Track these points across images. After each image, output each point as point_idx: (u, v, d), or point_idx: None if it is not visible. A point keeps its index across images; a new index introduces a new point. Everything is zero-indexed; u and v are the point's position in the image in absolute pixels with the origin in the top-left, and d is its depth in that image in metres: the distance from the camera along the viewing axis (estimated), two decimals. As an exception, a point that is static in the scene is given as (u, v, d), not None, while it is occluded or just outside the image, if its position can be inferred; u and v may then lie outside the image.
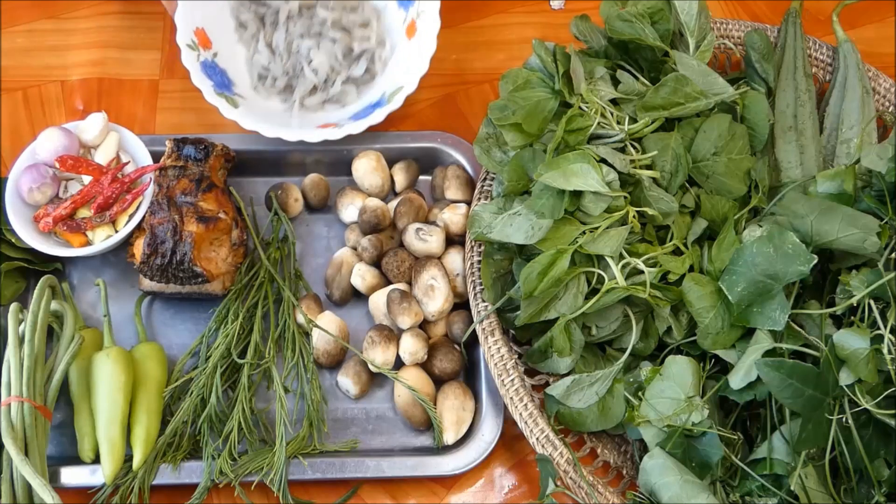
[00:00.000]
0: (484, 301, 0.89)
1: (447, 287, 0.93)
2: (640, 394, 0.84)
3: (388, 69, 1.07)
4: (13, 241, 0.95)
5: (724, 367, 0.85)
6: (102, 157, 0.97)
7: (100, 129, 0.97)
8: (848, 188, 0.85)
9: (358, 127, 0.98)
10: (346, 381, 0.93)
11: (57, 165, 0.95)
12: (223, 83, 1.03)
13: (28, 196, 0.94)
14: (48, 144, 0.95)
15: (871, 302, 0.80)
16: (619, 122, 0.90)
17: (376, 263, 0.98)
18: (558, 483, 0.81)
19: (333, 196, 1.03)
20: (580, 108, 0.90)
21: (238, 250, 0.96)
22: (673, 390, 0.82)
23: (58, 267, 0.97)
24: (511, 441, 0.93)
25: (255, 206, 1.02)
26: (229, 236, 0.95)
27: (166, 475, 0.87)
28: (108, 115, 0.99)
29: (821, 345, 0.80)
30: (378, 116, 0.99)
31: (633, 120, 0.91)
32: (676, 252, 0.88)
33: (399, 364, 0.94)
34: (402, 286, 0.95)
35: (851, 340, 0.77)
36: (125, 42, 1.13)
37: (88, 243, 0.94)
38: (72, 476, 0.87)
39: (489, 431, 0.91)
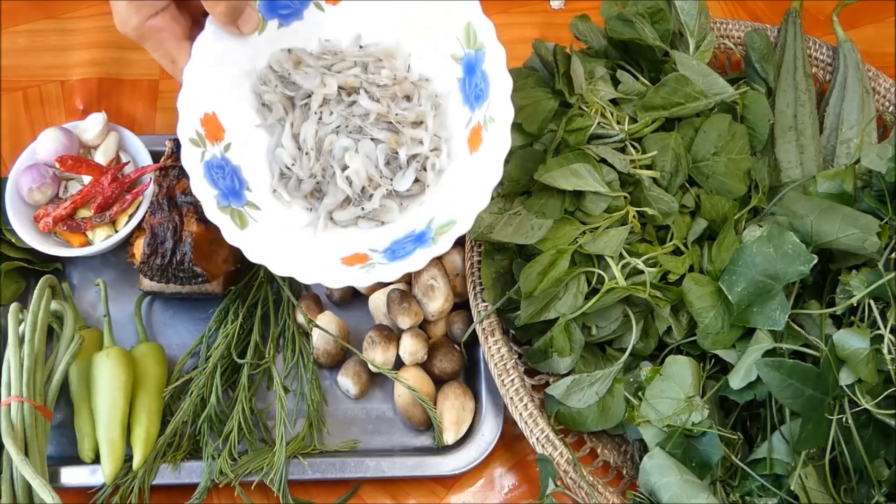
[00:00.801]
0: (484, 301, 0.89)
1: (447, 287, 0.93)
2: (640, 394, 0.84)
3: (441, 183, 0.84)
4: (13, 241, 0.95)
5: (724, 367, 0.85)
6: (102, 157, 0.97)
7: (100, 129, 0.97)
8: (848, 188, 0.85)
9: (392, 272, 0.78)
10: (346, 381, 0.93)
11: (57, 165, 0.95)
12: (232, 188, 0.82)
13: (28, 196, 0.94)
14: (48, 144, 0.96)
15: (871, 302, 0.80)
16: (619, 122, 0.90)
17: (376, 263, 0.98)
18: (558, 483, 0.81)
19: (333, 196, 1.03)
20: (580, 108, 0.90)
21: (238, 250, 0.96)
22: (673, 390, 0.82)
23: (58, 267, 0.97)
24: (511, 441, 0.93)
25: (255, 206, 1.02)
26: (229, 236, 0.95)
27: (166, 475, 0.87)
28: (108, 115, 0.99)
29: (821, 345, 0.80)
30: (418, 260, 0.78)
31: (633, 120, 0.91)
32: (676, 252, 0.88)
33: (399, 364, 0.94)
34: (401, 286, 0.95)
35: (851, 340, 0.77)
36: (125, 42, 1.11)
37: (88, 243, 0.94)
38: (72, 476, 0.87)
39: (489, 431, 0.91)
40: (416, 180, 0.85)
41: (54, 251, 0.93)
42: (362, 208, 0.84)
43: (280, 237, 0.82)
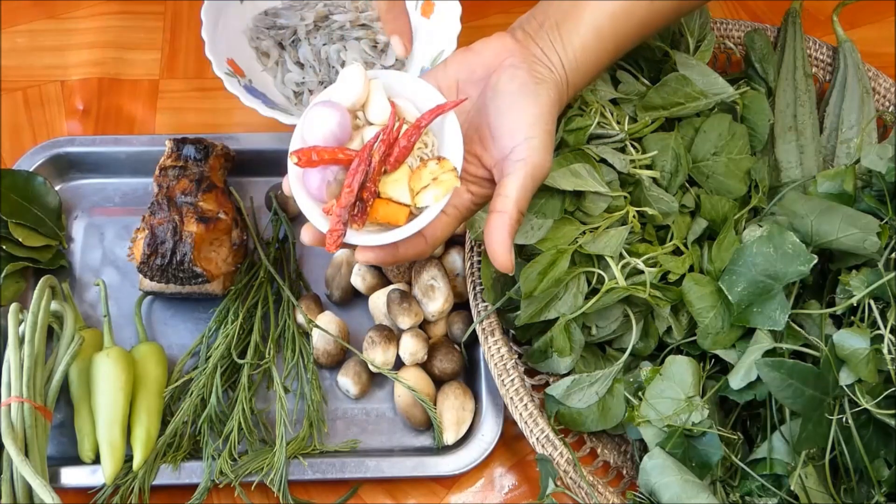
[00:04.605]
0: (484, 301, 0.89)
1: (447, 287, 0.93)
2: (640, 394, 0.84)
3: (414, 51, 1.06)
4: (20, 239, 0.94)
5: (724, 367, 0.85)
6: (376, 114, 0.70)
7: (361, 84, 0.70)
8: (848, 188, 0.85)
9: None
10: (346, 381, 0.93)
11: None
12: (268, 102, 1.00)
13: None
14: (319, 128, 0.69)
15: (871, 302, 0.80)
16: (619, 122, 0.90)
17: (376, 263, 0.98)
18: (558, 483, 0.81)
19: (333, 196, 1.03)
20: (580, 108, 0.90)
21: (238, 250, 0.96)
22: (673, 390, 0.82)
23: (63, 265, 0.97)
24: (511, 441, 0.93)
25: (255, 206, 1.02)
26: (229, 236, 0.95)
27: (166, 475, 0.87)
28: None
29: (821, 345, 0.80)
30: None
31: (633, 120, 0.91)
32: (676, 252, 0.88)
33: (399, 364, 0.94)
34: (402, 286, 0.95)
35: (851, 340, 0.77)
36: (125, 42, 1.13)
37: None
38: (72, 476, 0.87)
39: (489, 431, 0.91)
40: (396, 59, 1.07)
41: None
42: None
43: None
